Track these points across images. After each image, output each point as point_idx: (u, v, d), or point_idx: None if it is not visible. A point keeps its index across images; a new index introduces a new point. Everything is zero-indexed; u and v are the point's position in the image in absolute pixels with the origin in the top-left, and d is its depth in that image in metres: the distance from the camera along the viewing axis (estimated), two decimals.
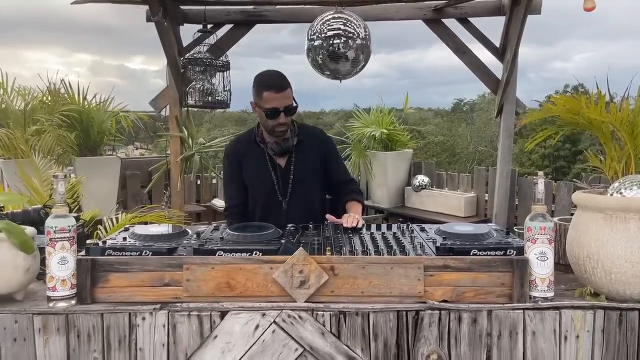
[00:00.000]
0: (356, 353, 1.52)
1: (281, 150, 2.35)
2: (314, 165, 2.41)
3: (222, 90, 3.81)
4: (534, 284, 1.53)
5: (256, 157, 2.40)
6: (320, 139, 2.49)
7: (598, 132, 1.70)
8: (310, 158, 2.40)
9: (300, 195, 2.38)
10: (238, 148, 2.46)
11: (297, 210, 2.33)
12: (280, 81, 2.27)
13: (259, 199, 2.41)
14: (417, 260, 1.56)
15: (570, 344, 1.51)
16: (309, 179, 2.40)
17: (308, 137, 2.43)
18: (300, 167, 2.39)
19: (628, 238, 1.49)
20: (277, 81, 2.27)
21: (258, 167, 2.39)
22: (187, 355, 1.52)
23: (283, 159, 2.40)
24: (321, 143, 2.47)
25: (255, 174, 2.41)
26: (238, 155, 2.44)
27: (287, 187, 2.38)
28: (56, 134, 3.65)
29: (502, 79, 3.89)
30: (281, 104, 2.24)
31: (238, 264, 1.55)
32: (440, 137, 22.73)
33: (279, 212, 2.36)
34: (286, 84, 2.27)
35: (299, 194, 2.38)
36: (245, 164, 2.42)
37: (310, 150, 2.41)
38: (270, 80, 2.28)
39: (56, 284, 1.50)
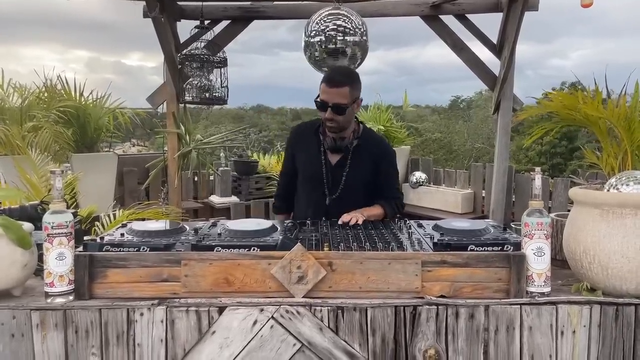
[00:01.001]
0: (354, 348, 1.52)
1: (334, 147, 2.35)
2: (365, 172, 2.38)
3: (220, 86, 3.80)
4: (531, 279, 1.54)
5: (311, 146, 2.42)
6: (379, 147, 2.44)
7: (595, 128, 1.71)
8: (363, 164, 2.37)
9: (346, 196, 2.35)
10: (298, 133, 2.53)
11: (339, 210, 2.22)
12: (338, 77, 2.26)
13: (306, 186, 2.44)
14: (414, 256, 1.56)
15: (567, 339, 1.52)
16: (358, 183, 2.38)
17: (368, 142, 2.39)
18: (352, 170, 2.37)
19: (624, 233, 1.50)
20: (334, 76, 2.27)
21: (310, 156, 2.42)
22: (186, 350, 1.52)
23: (336, 156, 2.38)
24: (379, 152, 2.41)
25: (305, 162, 2.44)
26: (296, 140, 2.51)
27: (338, 185, 2.37)
28: (53, 130, 3.65)
29: (499, 76, 3.90)
30: (330, 99, 2.22)
31: (236, 260, 1.56)
32: (438, 134, 22.74)
33: (321, 206, 2.35)
34: (344, 82, 2.23)
35: (345, 194, 2.36)
36: (300, 150, 2.47)
37: (366, 156, 2.37)
38: (330, 73, 2.30)
39: (54, 279, 1.50)
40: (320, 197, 2.38)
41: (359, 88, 2.31)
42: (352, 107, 2.28)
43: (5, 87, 3.82)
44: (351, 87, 2.25)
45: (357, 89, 2.29)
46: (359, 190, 2.38)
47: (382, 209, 2.34)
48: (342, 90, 2.22)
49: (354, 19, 3.32)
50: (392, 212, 2.36)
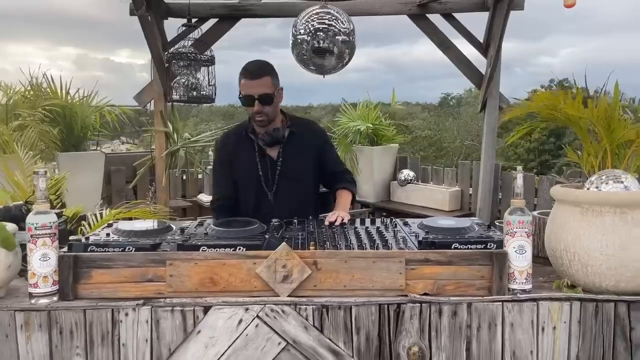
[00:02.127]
0: (339, 346, 1.54)
1: (271, 140, 2.32)
2: (306, 157, 2.38)
3: (207, 85, 3.80)
4: (513, 276, 1.56)
5: (246, 150, 2.37)
6: (313, 130, 2.47)
7: (576, 128, 1.73)
8: (301, 149, 2.37)
9: (288, 188, 2.34)
10: (228, 142, 2.45)
11: (286, 203, 2.28)
12: (257, 69, 2.26)
13: (248, 191, 2.38)
14: (398, 254, 1.58)
15: (548, 335, 1.55)
16: (299, 170, 2.36)
17: (300, 128, 2.40)
18: (290, 159, 2.35)
19: (604, 231, 1.53)
20: (253, 68, 2.26)
21: (247, 160, 2.37)
22: (171, 350, 1.52)
23: (274, 150, 2.36)
24: (314, 134, 2.44)
25: (243, 167, 2.38)
26: (228, 149, 2.42)
27: (275, 178, 2.34)
28: (39, 129, 3.62)
29: (485, 74, 3.93)
30: (255, 91, 2.22)
31: (221, 260, 1.56)
32: (428, 131, 22.83)
33: (267, 205, 2.32)
34: (264, 72, 2.25)
35: (286, 185, 2.34)
36: (235, 157, 2.40)
37: (303, 141, 2.37)
38: (247, 67, 2.27)
39: (38, 280, 1.49)
40: (261, 195, 2.35)
41: (277, 77, 2.32)
42: (276, 95, 2.30)
43: None
44: (271, 77, 2.27)
45: (276, 78, 2.31)
46: (297, 179, 2.36)
47: (347, 192, 2.36)
48: (264, 80, 2.24)
49: (342, 18, 3.33)
50: (354, 187, 2.43)
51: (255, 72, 2.24)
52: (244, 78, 2.24)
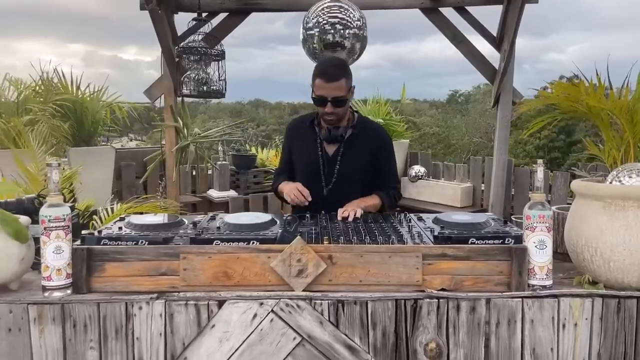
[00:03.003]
0: (354, 342, 1.51)
1: (329, 137, 2.35)
2: (362, 160, 2.36)
3: (217, 79, 3.77)
4: (533, 272, 1.53)
5: (307, 139, 2.42)
6: (376, 134, 2.43)
7: (597, 120, 1.69)
8: (359, 152, 2.36)
9: (343, 186, 2.35)
10: (294, 127, 2.54)
11: (338, 200, 2.22)
12: (334, 70, 2.24)
13: (303, 179, 2.39)
14: (415, 249, 1.55)
15: (569, 332, 1.52)
16: (354, 172, 2.36)
17: (364, 130, 2.39)
18: (347, 159, 2.36)
19: (627, 226, 1.49)
20: (329, 70, 2.25)
21: (307, 149, 2.42)
22: (185, 344, 1.51)
23: (332, 146, 2.38)
24: (376, 139, 2.40)
25: (302, 155, 2.45)
26: (292, 133, 2.52)
27: (332, 175, 2.37)
28: (50, 124, 3.61)
29: (499, 69, 3.88)
30: (329, 93, 2.22)
31: (235, 253, 1.54)
32: (436, 128, 22.74)
33: (319, 197, 2.32)
34: (340, 74, 2.23)
35: (342, 184, 2.36)
36: (296, 144, 2.49)
37: (362, 144, 2.36)
38: (324, 68, 2.27)
39: (51, 273, 1.48)
40: (318, 188, 2.35)
41: (351, 77, 2.31)
42: (349, 97, 2.29)
43: (1, 81, 3.78)
44: (346, 79, 2.25)
45: (350, 79, 2.29)
46: (355, 178, 2.37)
47: (379, 199, 2.34)
48: (339, 83, 2.22)
49: (353, 12, 3.30)
50: (390, 202, 2.37)
51: (331, 75, 2.22)
52: (320, 79, 2.22)
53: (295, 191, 2.22)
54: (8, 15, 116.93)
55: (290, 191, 2.24)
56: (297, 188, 2.23)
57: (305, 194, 2.21)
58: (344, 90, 2.24)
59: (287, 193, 2.26)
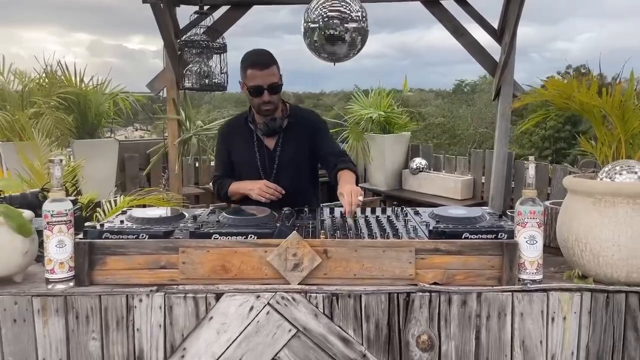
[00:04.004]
0: (348, 334, 1.55)
1: (268, 130, 2.35)
2: (302, 147, 2.39)
3: (219, 72, 3.80)
4: (523, 266, 1.56)
5: (245, 138, 2.41)
6: (311, 120, 2.47)
7: (590, 117, 1.71)
8: (298, 140, 2.38)
9: (286, 178, 2.36)
10: (229, 129, 2.50)
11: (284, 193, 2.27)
12: (264, 58, 2.26)
13: (244, 179, 2.40)
14: (408, 244, 1.58)
15: (558, 325, 1.55)
16: (296, 160, 2.39)
17: (299, 118, 2.41)
18: (287, 149, 2.38)
19: (616, 222, 1.52)
20: (260, 58, 2.26)
21: (245, 148, 2.41)
22: (184, 335, 1.55)
23: (272, 140, 2.39)
24: (311, 125, 2.44)
25: (241, 155, 2.43)
26: (228, 136, 2.48)
27: (273, 168, 2.38)
28: (54, 117, 3.66)
29: (499, 62, 3.88)
30: (264, 81, 2.23)
31: (233, 247, 1.58)
32: (441, 118, 22.65)
33: None
34: (270, 61, 2.26)
35: (284, 175, 2.36)
36: (234, 144, 2.45)
37: (300, 131, 2.39)
38: (254, 58, 2.28)
39: (54, 266, 1.53)
40: None
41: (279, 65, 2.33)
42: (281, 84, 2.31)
43: (6, 73, 3.82)
44: (276, 65, 2.28)
45: (279, 66, 2.31)
46: (295, 168, 2.39)
47: (350, 171, 2.23)
48: (272, 69, 2.25)
49: (354, 5, 3.30)
50: (354, 167, 2.31)
51: (263, 63, 2.24)
52: (252, 69, 2.24)
53: (266, 189, 2.23)
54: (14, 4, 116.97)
55: (260, 191, 2.22)
56: (267, 185, 2.24)
57: (279, 189, 2.24)
58: (277, 77, 2.27)
59: (259, 194, 2.22)
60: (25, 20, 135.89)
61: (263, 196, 2.22)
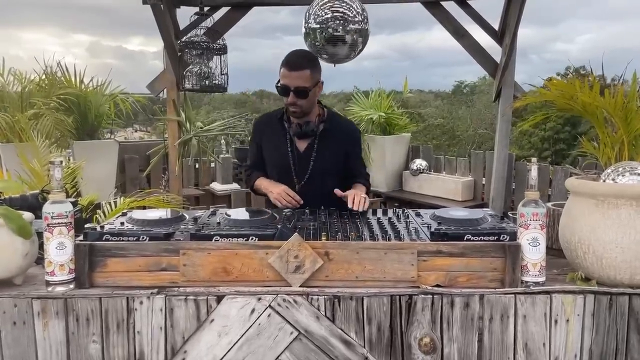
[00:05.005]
0: (350, 336, 1.54)
1: (300, 132, 2.34)
2: (336, 157, 2.38)
3: (219, 73, 3.80)
4: (526, 269, 1.55)
5: (277, 135, 2.40)
6: (347, 131, 2.45)
7: (592, 118, 1.70)
8: (333, 147, 2.37)
9: (317, 183, 2.35)
10: (262, 123, 2.51)
11: (311, 196, 2.26)
12: (298, 60, 2.25)
13: (274, 176, 2.41)
14: (410, 246, 1.57)
15: (561, 328, 1.54)
16: (328, 168, 2.38)
17: (335, 126, 2.39)
18: (321, 156, 2.36)
19: (619, 224, 1.51)
20: (294, 59, 2.26)
21: (277, 146, 2.40)
22: (185, 338, 1.54)
23: (303, 142, 2.38)
24: (348, 136, 2.43)
25: (273, 152, 2.43)
26: (260, 130, 2.49)
27: (305, 171, 2.37)
28: (54, 118, 3.65)
29: (500, 63, 3.88)
30: (292, 82, 2.22)
31: (234, 249, 1.57)
32: (440, 119, 22.67)
33: None
34: (304, 64, 2.24)
35: (315, 180, 2.36)
36: (266, 140, 2.45)
37: (335, 139, 2.37)
38: (288, 57, 2.27)
39: (54, 268, 1.52)
40: (290, 185, 2.35)
41: (319, 71, 2.32)
42: (314, 90, 2.28)
43: (6, 75, 3.82)
44: (312, 70, 2.25)
45: (317, 72, 2.30)
46: (328, 174, 2.38)
47: (361, 185, 2.39)
48: (304, 73, 2.22)
49: (355, 6, 3.29)
50: (368, 184, 2.47)
51: (295, 64, 2.23)
52: (284, 67, 2.23)
53: (285, 196, 2.22)
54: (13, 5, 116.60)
55: (280, 196, 2.22)
56: (287, 193, 2.23)
57: (297, 199, 2.22)
58: (308, 81, 2.24)
59: (277, 198, 2.23)
60: (24, 21, 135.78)
61: (280, 201, 2.22)
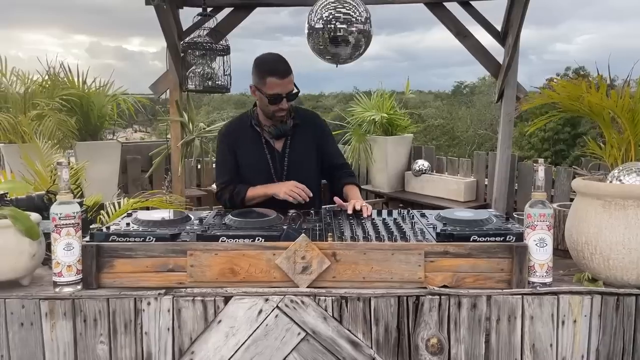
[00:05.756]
0: (357, 337, 1.54)
1: (279, 133, 2.35)
2: (310, 149, 2.43)
3: (222, 74, 3.80)
4: (533, 269, 1.56)
5: (251, 141, 2.39)
6: (315, 122, 2.50)
7: (598, 119, 1.71)
8: (306, 141, 2.42)
9: (295, 178, 2.34)
10: (232, 132, 2.45)
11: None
12: (284, 66, 2.26)
13: (254, 182, 2.38)
14: (417, 247, 1.58)
15: (568, 329, 1.54)
16: (305, 162, 2.41)
17: (303, 120, 2.43)
18: (296, 150, 2.39)
19: (627, 225, 1.51)
20: (281, 66, 2.26)
21: (254, 151, 2.39)
22: (192, 339, 1.54)
23: (280, 142, 2.40)
24: (316, 126, 2.48)
25: (250, 158, 2.40)
26: (232, 139, 2.42)
27: (283, 170, 2.39)
28: (56, 119, 3.65)
29: (503, 64, 3.88)
30: (284, 90, 2.24)
31: (241, 250, 1.57)
32: (440, 120, 22.68)
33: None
34: (289, 69, 2.27)
35: (295, 177, 2.35)
36: (240, 147, 2.41)
37: (306, 133, 2.42)
38: (274, 65, 2.27)
39: (62, 269, 1.52)
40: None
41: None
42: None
43: (9, 75, 3.82)
44: (292, 72, 2.29)
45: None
46: (307, 169, 2.41)
47: (355, 186, 2.38)
48: (291, 77, 2.27)
49: (358, 7, 3.30)
50: (357, 180, 2.47)
51: (285, 71, 2.24)
52: (274, 77, 2.23)
53: (298, 191, 2.20)
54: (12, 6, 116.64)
55: (293, 192, 2.20)
56: (296, 185, 2.22)
57: (307, 191, 2.22)
58: (294, 84, 2.29)
59: (289, 194, 2.20)
60: (25, 22, 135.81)
61: (292, 196, 2.20)
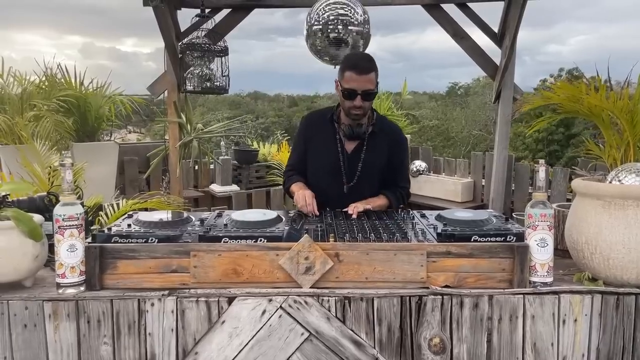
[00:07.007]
0: (361, 337, 1.55)
1: (351, 134, 2.32)
2: (381, 160, 2.37)
3: (221, 75, 3.80)
4: (534, 269, 1.57)
5: (326, 135, 2.38)
6: (396, 137, 2.43)
7: (598, 120, 1.73)
8: (379, 151, 2.36)
9: (364, 184, 2.34)
10: (312, 122, 2.47)
11: (357, 198, 2.22)
12: (365, 63, 2.23)
13: (321, 176, 2.38)
14: (420, 247, 1.59)
15: (569, 328, 1.56)
16: (375, 171, 2.37)
17: (384, 130, 2.38)
18: (369, 157, 2.35)
19: (626, 224, 1.53)
20: (361, 62, 2.23)
21: (326, 146, 2.37)
22: (196, 340, 1.55)
23: (351, 143, 2.37)
24: (395, 141, 2.40)
25: (321, 152, 2.39)
26: (310, 128, 2.44)
27: (354, 172, 2.35)
28: (54, 120, 3.64)
29: (500, 65, 3.90)
30: (360, 86, 2.20)
31: (244, 251, 1.58)
32: (435, 121, 22.74)
33: (339, 195, 2.31)
34: (372, 68, 2.22)
35: (363, 182, 2.34)
36: (314, 139, 2.42)
37: (382, 143, 2.36)
38: (355, 61, 2.25)
39: (65, 270, 1.52)
40: (339, 186, 2.34)
41: (378, 72, 2.30)
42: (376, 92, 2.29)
43: (5, 76, 3.80)
44: (375, 72, 2.25)
45: (377, 73, 2.29)
46: (376, 176, 2.37)
47: (386, 200, 2.34)
48: (370, 76, 2.21)
49: (356, 8, 3.31)
50: (397, 202, 2.37)
51: (364, 68, 2.20)
52: (351, 71, 2.20)
53: (305, 200, 2.12)
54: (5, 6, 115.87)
55: (301, 199, 2.14)
56: (307, 198, 2.12)
57: (313, 209, 2.08)
58: (374, 84, 2.23)
59: (299, 199, 2.16)
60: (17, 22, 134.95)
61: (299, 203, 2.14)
